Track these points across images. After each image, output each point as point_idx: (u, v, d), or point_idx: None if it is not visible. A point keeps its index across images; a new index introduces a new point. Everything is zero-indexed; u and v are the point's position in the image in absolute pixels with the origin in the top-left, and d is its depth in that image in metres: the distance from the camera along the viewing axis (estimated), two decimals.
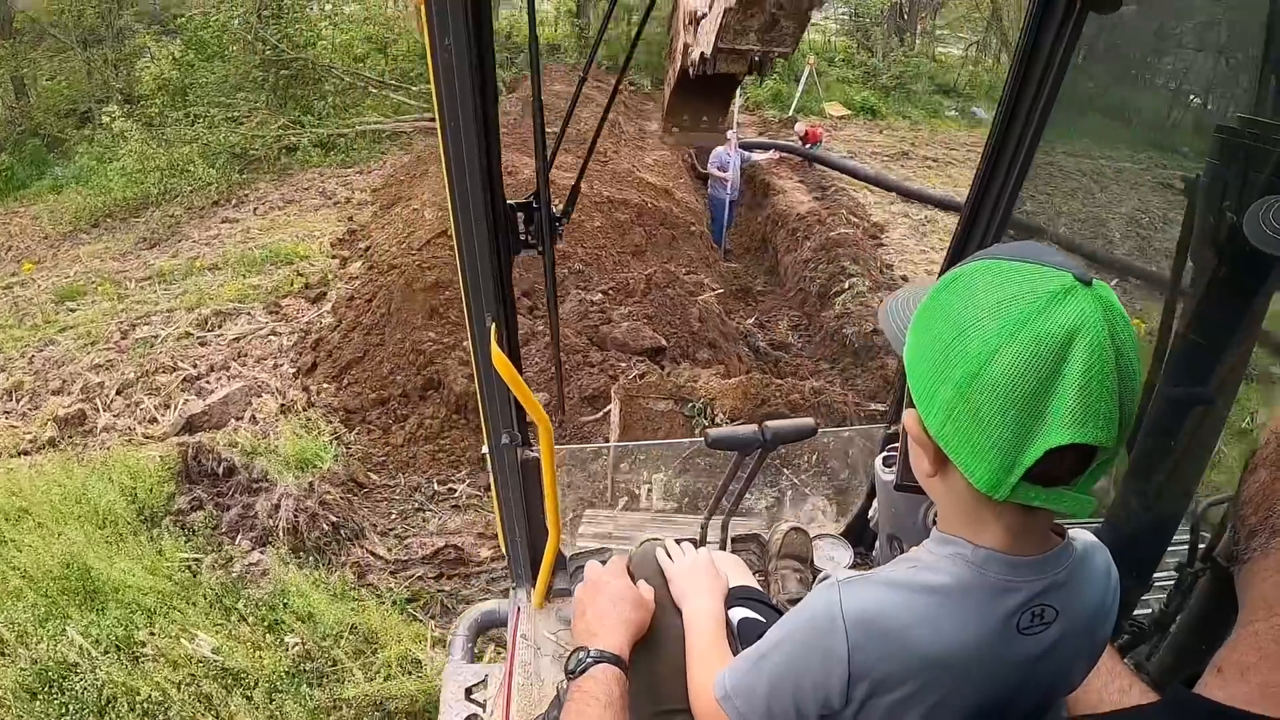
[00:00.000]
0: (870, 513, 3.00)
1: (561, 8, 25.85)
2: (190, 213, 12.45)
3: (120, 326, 8.44)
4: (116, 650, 4.39)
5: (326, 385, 6.99)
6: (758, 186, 12.74)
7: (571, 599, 2.48)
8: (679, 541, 2.23)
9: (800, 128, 14.82)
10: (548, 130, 1.97)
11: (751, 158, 11.89)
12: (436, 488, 5.95)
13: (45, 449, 6.39)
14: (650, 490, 4.65)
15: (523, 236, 2.08)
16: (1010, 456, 1.04)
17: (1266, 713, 0.94)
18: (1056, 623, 1.22)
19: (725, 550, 2.99)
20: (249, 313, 8.52)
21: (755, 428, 2.51)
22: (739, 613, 2.02)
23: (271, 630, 4.61)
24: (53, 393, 7.22)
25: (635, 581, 2.05)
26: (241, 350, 7.72)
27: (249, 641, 4.47)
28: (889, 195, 13.39)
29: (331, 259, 10.07)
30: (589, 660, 1.69)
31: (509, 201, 2.00)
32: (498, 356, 2.08)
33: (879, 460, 2.46)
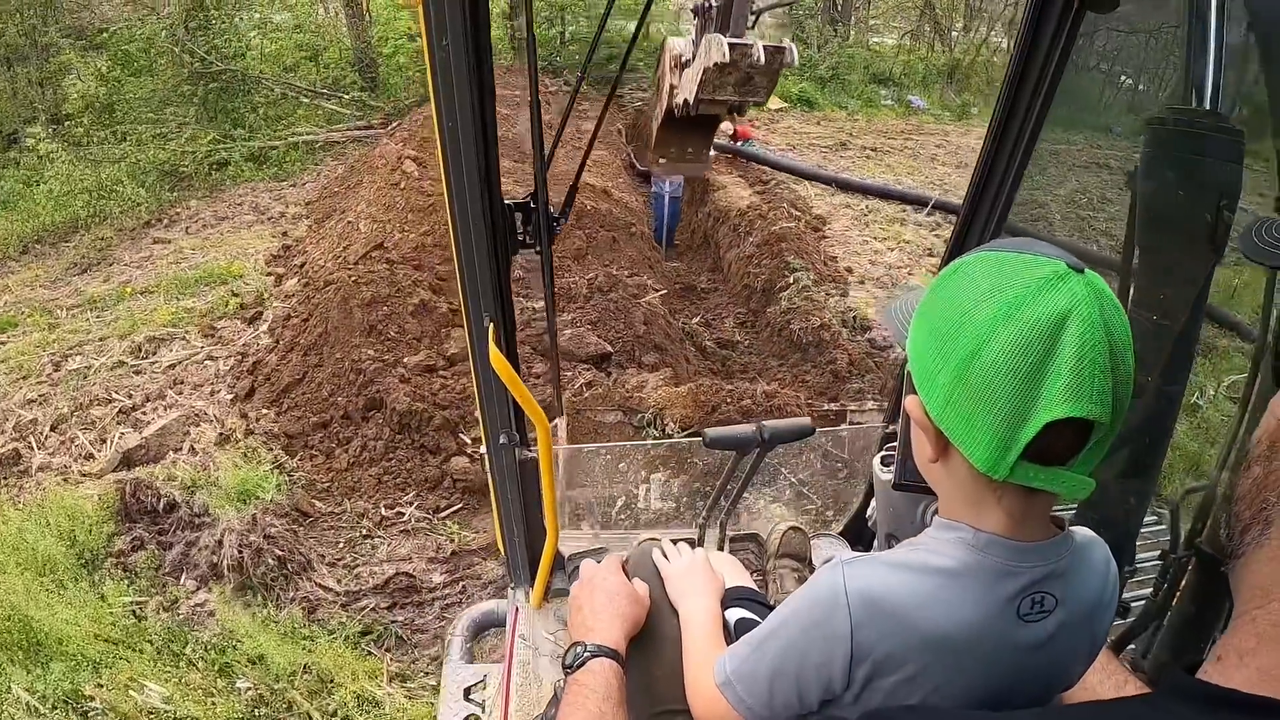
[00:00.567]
0: (868, 512, 3.03)
1: (494, 8, 25.66)
2: (121, 235, 12.13)
3: (52, 358, 8.20)
4: (65, 706, 4.28)
5: (265, 410, 6.86)
6: (697, 183, 12.73)
7: (569, 600, 2.52)
8: (676, 542, 2.27)
9: (727, 125, 14.81)
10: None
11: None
12: (384, 512, 5.86)
13: None
14: (648, 490, 4.65)
15: (520, 236, 2.11)
16: (1008, 434, 1.09)
17: (1265, 694, 0.96)
18: (1056, 612, 1.26)
19: (723, 550, 3.02)
20: (184, 337, 8.33)
21: (753, 427, 2.54)
22: (735, 613, 2.05)
23: (223, 674, 4.52)
24: None
25: (631, 579, 2.09)
26: (177, 378, 7.55)
27: (200, 688, 4.38)
28: (829, 187, 13.44)
29: (266, 277, 9.88)
30: (586, 654, 1.73)
31: (507, 201, 2.02)
32: (496, 357, 2.10)
33: (877, 460, 2.48)
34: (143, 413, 6.99)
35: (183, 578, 5.15)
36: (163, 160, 13.89)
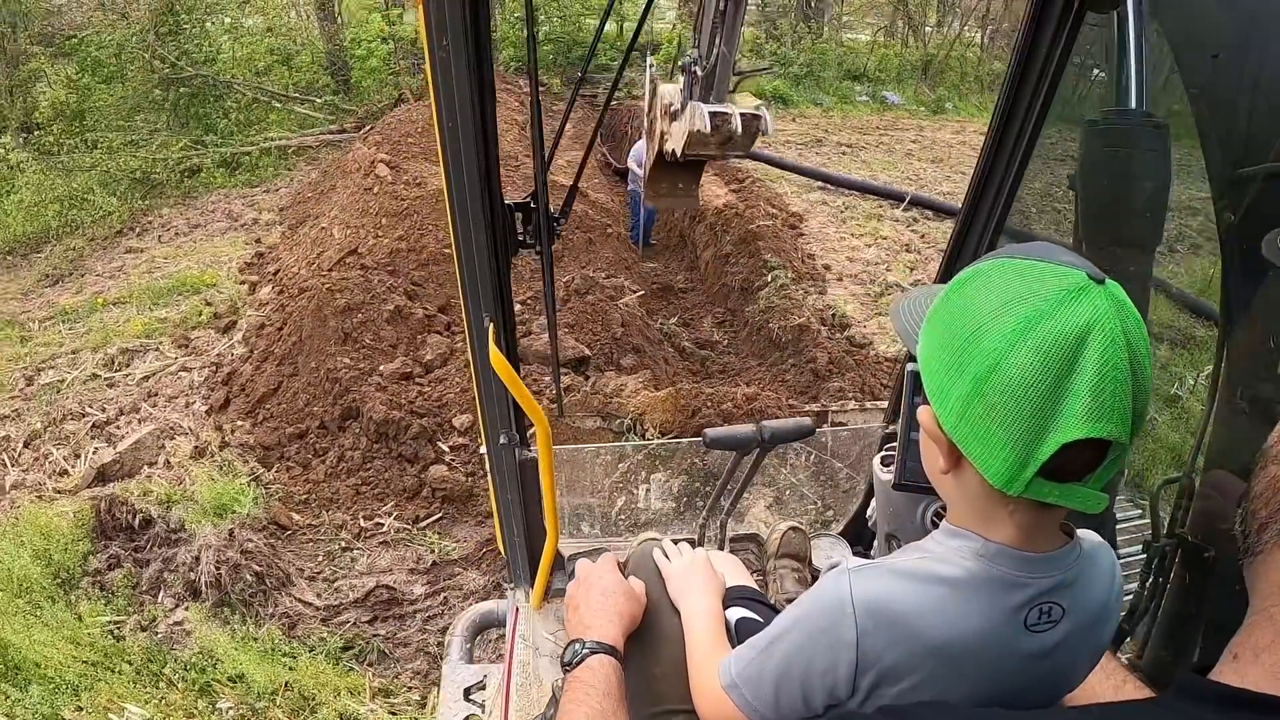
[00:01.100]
0: (868, 512, 3.03)
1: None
2: (93, 244, 12.02)
3: (25, 372, 8.13)
4: None
5: (241, 422, 6.80)
6: None
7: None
8: (676, 541, 2.26)
9: None
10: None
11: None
12: (363, 523, 5.81)
13: None
14: (648, 490, 4.65)
15: (520, 236, 2.12)
16: (1025, 451, 1.06)
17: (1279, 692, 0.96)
18: (1063, 621, 1.25)
19: (723, 550, 3.01)
20: (157, 349, 8.26)
21: (753, 427, 2.54)
22: (736, 612, 2.04)
23: (203, 694, 4.48)
24: None
25: (631, 576, 2.10)
26: (151, 390, 7.48)
27: (181, 709, 4.35)
28: (806, 184, 13.44)
29: (240, 285, 9.81)
30: (584, 651, 1.73)
31: (507, 202, 2.02)
32: (496, 357, 2.09)
33: (877, 459, 2.48)
34: (117, 427, 6.92)
35: (160, 596, 5.09)
36: (134, 168, 13.74)
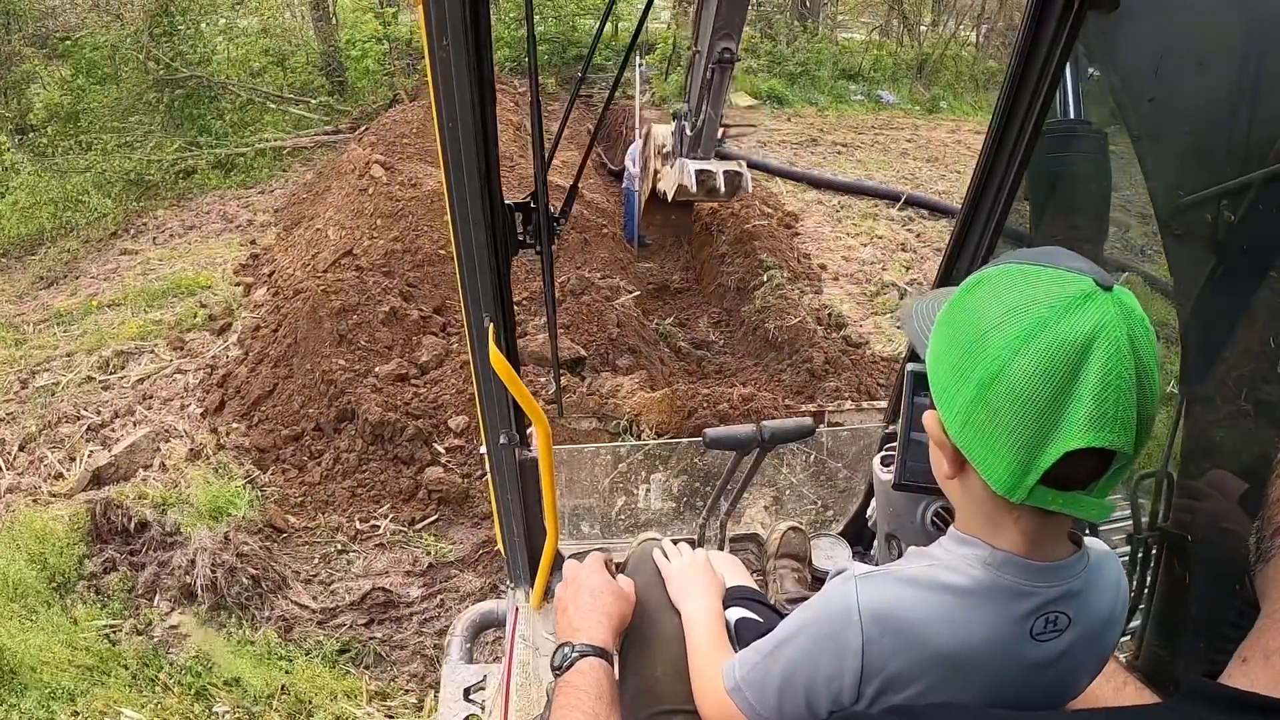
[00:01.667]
0: (868, 512, 3.03)
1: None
2: (87, 246, 11.97)
3: (19, 375, 8.09)
4: None
5: (236, 424, 6.78)
6: None
7: None
8: (676, 542, 2.28)
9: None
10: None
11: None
12: (359, 526, 5.80)
13: None
14: (648, 490, 4.65)
15: (521, 236, 2.12)
16: (1028, 459, 1.06)
17: None
18: (1069, 630, 1.25)
19: (724, 550, 3.04)
20: (152, 351, 8.23)
21: (754, 427, 2.56)
22: (736, 612, 2.05)
23: (199, 698, 4.48)
24: None
25: (622, 575, 2.12)
26: (146, 392, 7.46)
27: (177, 713, 4.35)
28: (800, 184, 13.42)
29: (235, 286, 9.77)
30: (574, 655, 1.73)
31: (507, 202, 2.02)
32: (496, 357, 2.10)
33: (877, 459, 2.48)
34: (112, 429, 6.91)
35: (156, 599, 5.08)
36: (129, 169, 13.67)
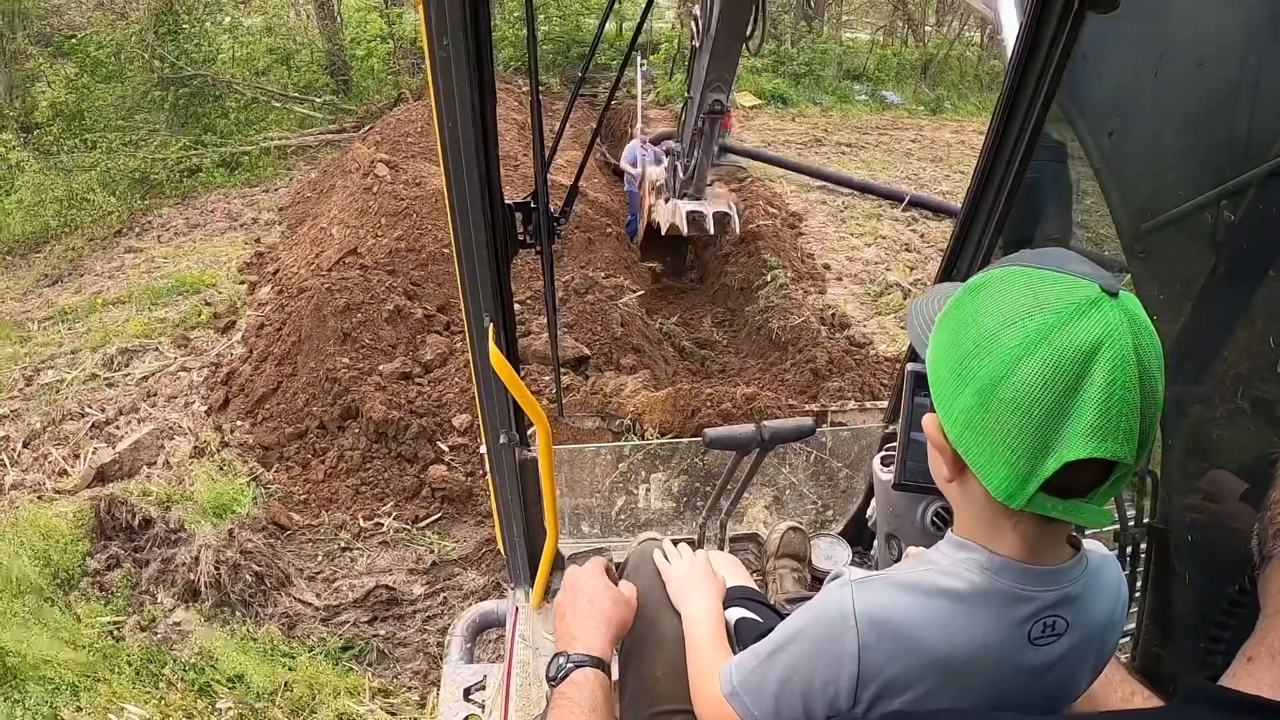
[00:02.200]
0: (868, 512, 3.01)
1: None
2: (92, 244, 11.99)
3: (24, 372, 8.11)
4: None
5: (240, 422, 6.79)
6: None
7: None
8: (676, 542, 2.27)
9: None
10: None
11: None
12: (362, 523, 5.81)
13: None
14: (648, 490, 4.65)
15: (521, 236, 2.12)
16: (1028, 467, 1.05)
17: None
18: (1067, 635, 1.24)
19: (724, 550, 3.03)
20: (157, 348, 8.25)
21: (753, 427, 2.54)
22: (735, 612, 2.05)
23: (203, 695, 4.48)
24: None
25: (623, 580, 2.09)
26: (151, 390, 7.48)
27: (180, 709, 4.35)
28: (805, 183, 13.42)
29: (239, 285, 9.80)
30: (569, 665, 1.70)
31: (507, 201, 2.02)
32: (496, 357, 2.09)
33: (877, 459, 2.47)
34: (116, 427, 6.92)
35: (160, 596, 5.08)
36: (134, 168, 13.70)
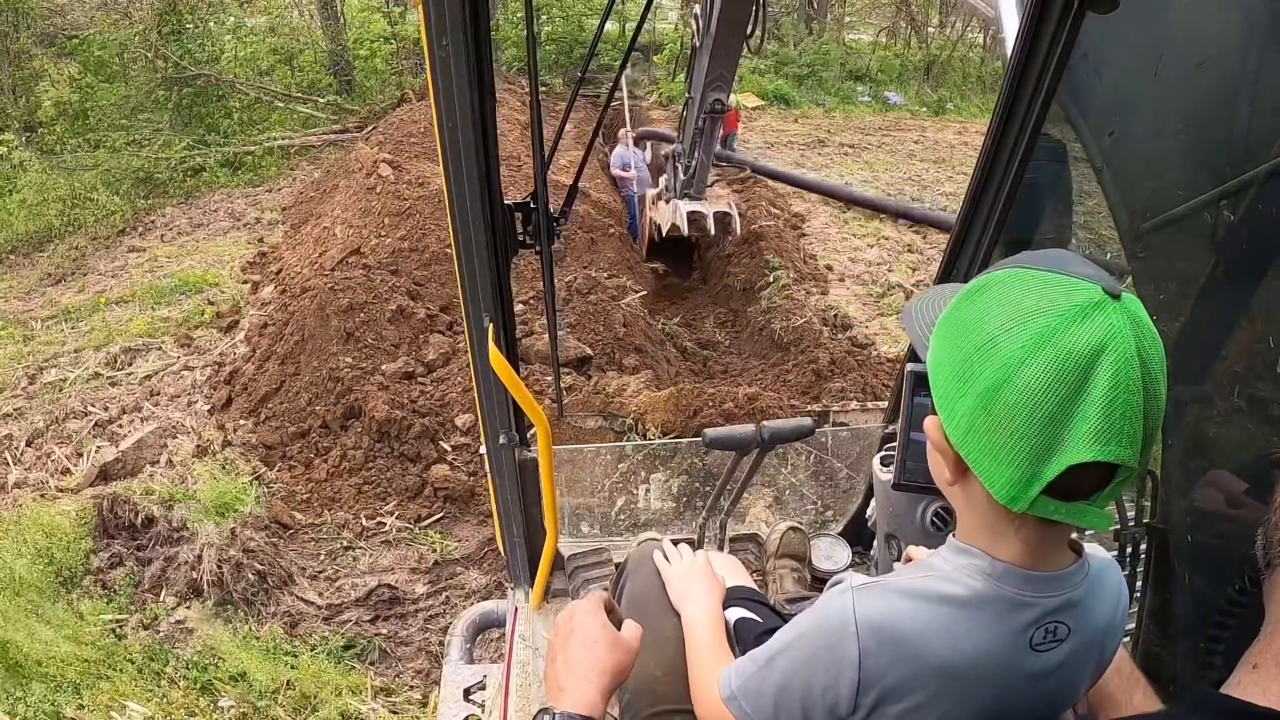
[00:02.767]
0: (868, 512, 3.01)
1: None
2: (95, 243, 11.99)
3: (27, 371, 8.11)
4: None
5: (243, 421, 6.80)
6: None
7: (569, 600, 2.58)
8: (676, 542, 2.27)
9: None
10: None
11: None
12: (365, 523, 5.82)
13: None
14: (648, 490, 4.64)
15: (520, 237, 2.12)
16: (1031, 470, 1.04)
17: None
18: (1068, 640, 1.23)
19: (724, 550, 3.03)
20: (160, 347, 8.26)
21: (753, 427, 2.53)
22: (735, 613, 2.05)
23: (204, 693, 4.48)
24: None
25: (621, 598, 2.11)
26: (153, 389, 7.49)
27: (182, 707, 4.35)
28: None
29: (243, 284, 9.82)
30: None
31: (507, 202, 2.02)
32: (495, 357, 2.09)
33: (877, 459, 2.47)
34: (119, 425, 6.93)
35: (162, 594, 5.09)
36: (137, 167, 13.73)
